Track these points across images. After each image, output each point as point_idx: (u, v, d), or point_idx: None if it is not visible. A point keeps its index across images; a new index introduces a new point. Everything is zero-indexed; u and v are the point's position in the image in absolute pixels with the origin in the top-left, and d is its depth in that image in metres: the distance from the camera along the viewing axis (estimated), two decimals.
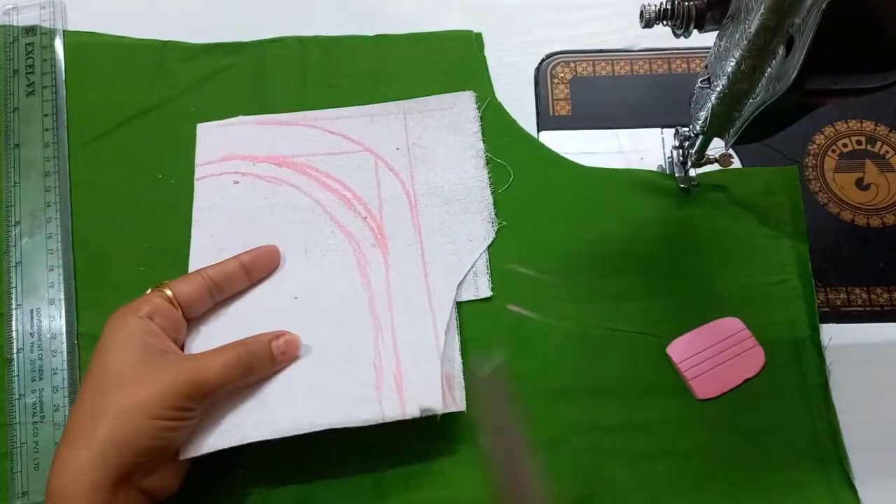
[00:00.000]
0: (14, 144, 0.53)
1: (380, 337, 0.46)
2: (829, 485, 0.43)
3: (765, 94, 0.37)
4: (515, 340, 0.47)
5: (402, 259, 0.48)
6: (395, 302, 0.47)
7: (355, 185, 0.51)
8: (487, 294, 0.48)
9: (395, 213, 0.50)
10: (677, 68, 0.56)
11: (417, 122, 0.53)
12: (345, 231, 0.49)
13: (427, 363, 0.44)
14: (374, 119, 0.53)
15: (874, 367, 0.47)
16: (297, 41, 0.56)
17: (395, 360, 0.45)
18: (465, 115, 0.53)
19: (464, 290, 0.48)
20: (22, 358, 0.48)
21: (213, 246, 0.49)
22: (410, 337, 0.45)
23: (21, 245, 0.51)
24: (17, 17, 0.57)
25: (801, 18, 0.33)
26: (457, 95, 0.54)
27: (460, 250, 0.49)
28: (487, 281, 0.48)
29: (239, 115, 0.54)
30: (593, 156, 0.53)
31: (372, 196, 0.51)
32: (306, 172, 0.51)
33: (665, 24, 0.42)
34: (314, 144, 0.52)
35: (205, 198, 0.51)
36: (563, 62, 0.56)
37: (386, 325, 0.46)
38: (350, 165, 0.52)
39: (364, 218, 0.50)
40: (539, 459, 0.44)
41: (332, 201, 0.50)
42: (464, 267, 0.48)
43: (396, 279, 0.48)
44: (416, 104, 0.53)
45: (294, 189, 0.51)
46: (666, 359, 0.47)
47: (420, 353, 0.45)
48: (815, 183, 0.52)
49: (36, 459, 0.45)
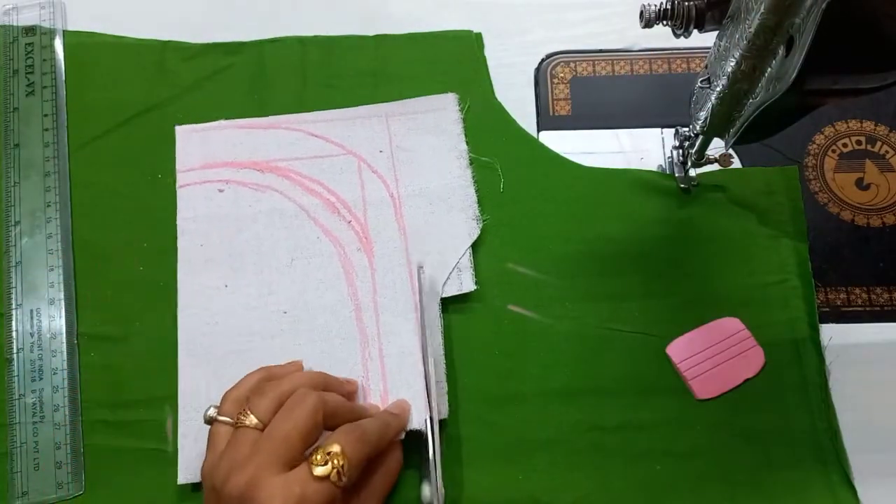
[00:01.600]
0: (14, 144, 0.53)
1: (367, 353, 0.46)
2: (829, 485, 0.43)
3: (765, 94, 0.37)
4: (515, 340, 0.47)
5: (387, 262, 0.49)
6: (382, 310, 0.47)
7: (339, 189, 0.51)
8: (471, 288, 0.48)
9: (379, 216, 0.50)
10: (677, 68, 0.56)
11: (400, 124, 0.53)
12: (330, 236, 0.49)
13: (412, 380, 0.45)
14: (356, 122, 0.53)
15: (874, 367, 0.47)
16: (297, 41, 0.56)
17: (382, 379, 0.45)
18: (447, 117, 0.53)
19: (448, 285, 0.48)
20: (22, 358, 0.48)
21: (199, 257, 0.49)
22: (396, 350, 0.46)
23: (21, 245, 0.51)
24: (16, 17, 0.57)
25: (801, 18, 0.33)
26: (439, 98, 0.53)
27: (445, 249, 0.49)
28: (471, 275, 0.48)
29: (239, 114, 0.54)
30: (593, 156, 0.53)
31: (356, 199, 0.50)
32: (289, 177, 0.51)
33: (665, 24, 0.42)
34: (296, 148, 0.52)
35: (189, 207, 0.51)
36: (563, 62, 0.56)
37: (373, 338, 0.47)
38: (333, 169, 0.51)
39: (349, 222, 0.50)
40: (539, 459, 0.45)
41: (316, 205, 0.50)
42: (449, 264, 0.48)
43: (382, 285, 0.48)
44: (399, 106, 0.53)
45: (278, 194, 0.51)
46: (665, 359, 0.47)
47: (405, 370, 0.45)
48: (815, 183, 0.52)
49: (36, 459, 0.45)
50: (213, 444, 0.39)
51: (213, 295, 0.48)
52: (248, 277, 0.49)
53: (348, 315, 0.47)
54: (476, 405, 0.46)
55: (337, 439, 0.37)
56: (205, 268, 0.49)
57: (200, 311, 0.48)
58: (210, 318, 0.48)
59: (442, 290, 0.48)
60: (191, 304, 0.48)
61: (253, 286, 0.48)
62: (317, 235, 0.50)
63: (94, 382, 0.47)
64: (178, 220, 0.50)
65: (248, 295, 0.48)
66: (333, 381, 0.44)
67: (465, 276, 0.48)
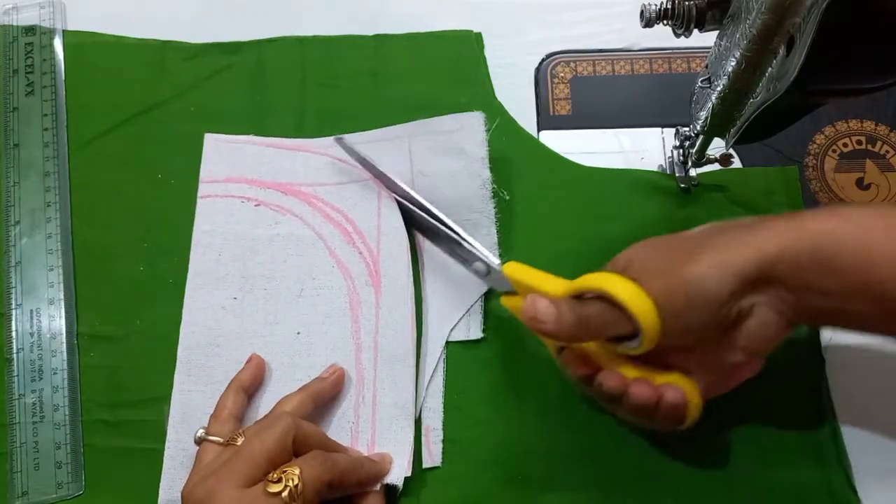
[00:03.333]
0: (13, 144, 0.53)
1: (361, 397, 0.45)
2: (830, 485, 0.43)
3: (765, 94, 0.37)
4: (513, 340, 0.47)
5: (392, 300, 0.47)
6: (382, 352, 0.46)
7: (357, 217, 0.50)
8: (478, 336, 0.47)
9: (392, 248, 0.48)
10: (677, 68, 0.56)
11: (422, 146, 0.51)
12: (342, 267, 0.48)
13: (401, 433, 0.44)
14: (382, 144, 0.51)
15: (874, 367, 0.47)
16: (297, 41, 0.56)
17: (372, 428, 0.44)
18: (472, 139, 0.50)
19: (455, 330, 0.47)
20: (22, 358, 0.48)
21: (211, 272, 0.49)
22: (391, 400, 0.45)
23: (21, 245, 0.51)
24: (16, 16, 0.57)
25: (802, 18, 0.33)
26: (464, 116, 0.51)
27: (461, 286, 0.48)
28: (480, 322, 0.47)
29: (239, 114, 0.54)
30: (593, 156, 0.52)
31: (371, 229, 0.49)
32: (312, 203, 0.50)
33: (665, 23, 0.42)
34: (321, 174, 0.51)
35: (207, 220, 0.50)
36: (563, 62, 0.56)
37: (368, 382, 0.45)
38: (354, 196, 0.50)
39: (360, 253, 0.49)
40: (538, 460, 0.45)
41: (334, 235, 0.49)
42: (464, 304, 0.47)
43: (385, 324, 0.47)
44: (422, 126, 0.51)
45: (298, 220, 0.50)
46: None
47: (396, 422, 0.44)
48: (815, 183, 0.52)
49: (36, 459, 0.45)
50: (197, 464, 0.40)
51: (219, 315, 0.47)
52: (257, 303, 0.48)
53: (348, 355, 0.46)
54: (475, 405, 0.46)
55: (298, 462, 0.38)
56: (215, 285, 0.48)
57: (204, 330, 0.47)
58: (213, 338, 0.47)
59: (448, 335, 0.47)
60: (195, 320, 0.47)
61: (260, 312, 0.47)
62: (331, 266, 0.48)
63: (94, 382, 0.47)
64: (195, 232, 0.50)
65: (254, 321, 0.47)
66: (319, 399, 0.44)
67: (473, 322, 0.47)
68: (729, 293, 0.34)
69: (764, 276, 0.33)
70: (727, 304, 0.34)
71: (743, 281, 0.34)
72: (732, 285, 0.34)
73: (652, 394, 0.37)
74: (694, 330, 0.36)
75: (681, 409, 0.38)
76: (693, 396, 0.38)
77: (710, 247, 0.35)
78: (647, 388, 0.38)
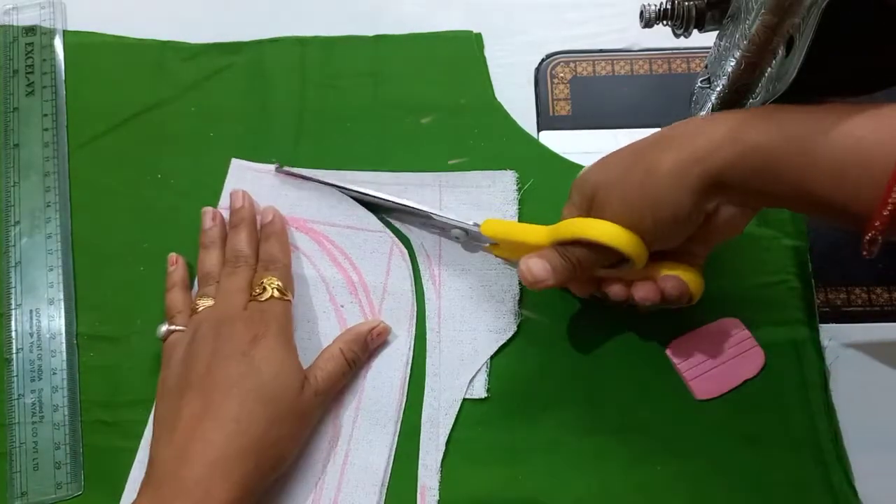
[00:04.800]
0: (13, 144, 0.53)
1: (332, 454, 0.44)
2: (830, 485, 0.43)
3: (765, 94, 0.37)
4: (514, 341, 0.47)
5: (384, 363, 0.46)
6: (363, 412, 0.45)
7: (364, 268, 0.49)
8: (482, 395, 0.46)
9: (394, 311, 0.48)
10: (677, 68, 0.56)
11: (453, 197, 0.50)
12: (340, 317, 0.48)
13: (364, 499, 0.43)
14: (407, 189, 0.50)
15: (874, 367, 0.47)
16: (297, 41, 0.56)
17: (336, 488, 0.43)
18: (503, 196, 0.50)
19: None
20: (21, 358, 0.48)
21: None
22: (361, 462, 0.44)
23: (21, 245, 0.51)
24: (17, 16, 0.57)
25: (801, 18, 0.33)
26: (497, 174, 0.51)
27: (478, 340, 0.47)
28: (485, 381, 0.46)
29: (238, 114, 0.54)
30: (593, 156, 0.52)
31: (377, 286, 0.48)
32: (321, 243, 0.50)
33: (665, 23, 0.42)
34: (336, 212, 0.50)
35: None
36: (563, 62, 0.56)
37: (343, 441, 0.44)
38: (365, 246, 0.49)
39: (361, 306, 0.48)
40: (539, 460, 0.45)
41: (338, 280, 0.49)
42: (480, 359, 0.46)
43: (372, 387, 0.46)
44: (455, 178, 0.51)
45: (305, 259, 0.49)
46: (665, 359, 0.46)
47: (362, 487, 0.43)
48: None
49: (35, 459, 0.45)
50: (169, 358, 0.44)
51: None
52: None
53: (328, 406, 0.45)
54: (475, 404, 0.46)
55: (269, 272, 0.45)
56: None
57: None
58: None
59: (466, 391, 0.46)
60: None
61: None
62: (328, 314, 0.48)
63: (94, 382, 0.47)
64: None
65: None
66: None
67: (478, 379, 0.46)
68: (691, 206, 0.37)
69: (716, 185, 0.36)
70: (692, 214, 0.37)
71: (698, 193, 0.36)
72: (691, 199, 0.36)
73: (655, 292, 0.41)
74: (675, 238, 0.39)
75: (684, 294, 0.41)
76: (692, 280, 0.41)
77: (662, 164, 0.37)
78: (649, 289, 0.41)
